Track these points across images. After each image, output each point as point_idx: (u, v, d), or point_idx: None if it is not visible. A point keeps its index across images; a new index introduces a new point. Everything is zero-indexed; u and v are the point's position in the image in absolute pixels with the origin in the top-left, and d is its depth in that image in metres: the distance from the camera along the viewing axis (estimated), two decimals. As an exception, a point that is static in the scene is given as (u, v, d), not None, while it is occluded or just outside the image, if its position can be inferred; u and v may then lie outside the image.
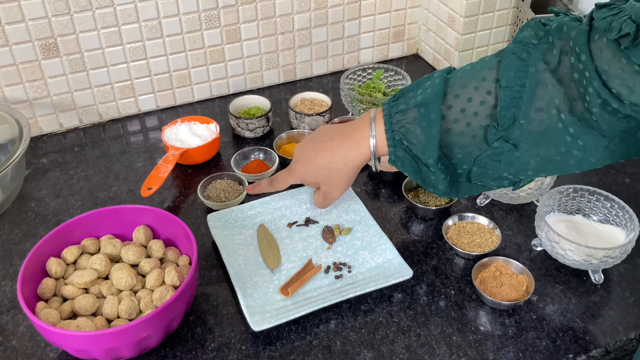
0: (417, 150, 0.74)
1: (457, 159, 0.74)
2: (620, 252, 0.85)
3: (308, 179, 0.87)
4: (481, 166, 0.72)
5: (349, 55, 1.42)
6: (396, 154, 0.76)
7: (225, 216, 0.98)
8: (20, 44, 1.11)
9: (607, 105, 0.61)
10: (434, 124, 0.71)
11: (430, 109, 0.71)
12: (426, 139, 0.72)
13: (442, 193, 0.77)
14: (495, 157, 0.71)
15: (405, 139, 0.74)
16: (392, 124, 0.75)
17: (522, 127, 0.68)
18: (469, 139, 0.71)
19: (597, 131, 0.65)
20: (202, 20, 1.21)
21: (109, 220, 0.89)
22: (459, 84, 0.71)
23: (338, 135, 0.82)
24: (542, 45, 0.67)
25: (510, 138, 0.69)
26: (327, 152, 0.82)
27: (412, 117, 0.73)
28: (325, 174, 0.84)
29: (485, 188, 0.77)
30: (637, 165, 1.12)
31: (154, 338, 0.77)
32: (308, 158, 0.85)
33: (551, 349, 0.81)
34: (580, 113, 0.64)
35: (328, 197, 0.88)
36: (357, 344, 0.81)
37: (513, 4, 1.31)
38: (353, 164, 0.81)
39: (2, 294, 0.89)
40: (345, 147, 0.80)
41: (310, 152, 0.85)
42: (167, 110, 1.30)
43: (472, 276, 0.88)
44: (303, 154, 0.87)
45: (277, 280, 0.89)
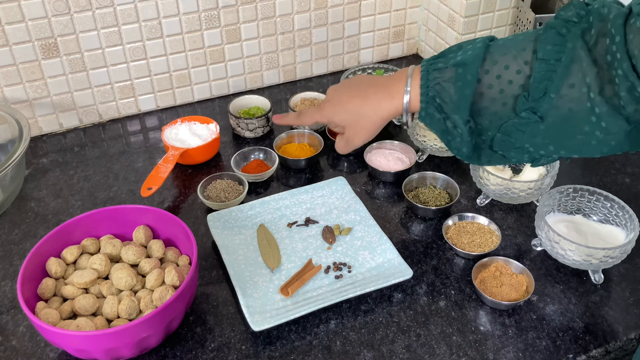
0: (448, 109, 0.74)
1: (484, 124, 0.75)
2: (620, 252, 0.85)
3: (335, 120, 0.87)
4: (505, 133, 0.73)
5: (349, 55, 1.42)
6: (427, 111, 0.77)
7: (225, 216, 0.98)
8: (20, 44, 1.11)
9: (634, 90, 0.62)
10: (468, 85, 0.72)
11: (468, 70, 0.72)
12: (459, 99, 0.73)
13: (465, 156, 0.78)
14: (520, 126, 0.72)
15: (439, 97, 0.75)
16: (428, 80, 0.76)
17: (551, 101, 0.69)
18: (499, 106, 0.72)
19: (623, 116, 0.65)
20: (202, 20, 1.21)
21: (109, 220, 0.89)
22: (500, 51, 0.72)
23: (374, 84, 0.84)
24: (582, 24, 0.67)
25: (539, 110, 0.70)
26: (360, 98, 0.83)
27: (448, 76, 0.73)
28: (353, 119, 0.85)
29: (504, 159, 0.77)
30: (637, 165, 1.12)
31: (154, 338, 0.77)
32: (340, 99, 0.86)
33: (551, 349, 0.81)
34: (609, 95, 0.65)
35: (350, 143, 0.88)
36: (357, 344, 0.81)
37: (513, 4, 1.31)
38: (383, 113, 0.82)
39: (2, 294, 0.89)
40: (379, 97, 0.82)
41: (343, 95, 0.86)
42: (167, 110, 1.30)
43: (472, 276, 0.88)
44: (336, 95, 0.87)
45: (277, 280, 0.89)
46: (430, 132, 1.08)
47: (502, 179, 0.97)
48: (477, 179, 1.02)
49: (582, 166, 1.12)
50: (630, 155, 1.14)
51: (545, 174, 1.01)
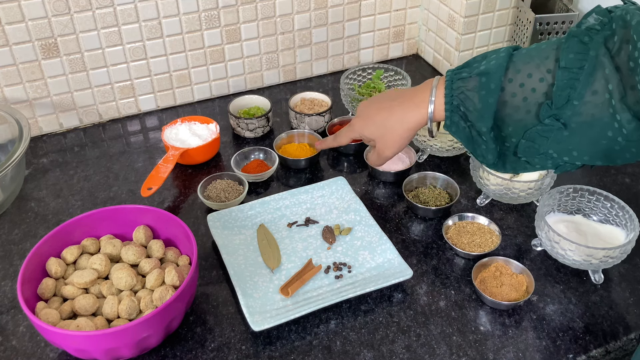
0: (472, 118, 0.76)
1: (508, 132, 0.76)
2: (620, 252, 0.85)
3: (365, 134, 0.91)
4: (529, 140, 0.74)
5: (349, 55, 1.42)
6: (452, 119, 0.78)
7: (225, 216, 0.98)
8: (20, 44, 1.11)
9: None
10: (492, 94, 0.73)
11: (491, 79, 0.73)
12: (483, 107, 0.74)
13: (491, 163, 0.79)
14: (544, 133, 0.72)
15: (463, 105, 0.76)
16: (452, 89, 0.77)
17: (574, 108, 0.69)
18: (523, 114, 0.73)
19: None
20: (202, 20, 1.21)
21: (109, 220, 0.89)
22: (523, 60, 0.73)
23: (400, 97, 0.86)
24: (605, 31, 0.68)
25: (562, 117, 0.70)
26: (387, 111, 0.86)
27: (472, 85, 0.75)
28: (382, 132, 0.88)
29: (529, 166, 0.78)
30: (637, 165, 1.12)
31: (154, 338, 0.77)
32: (368, 114, 0.90)
33: (551, 349, 0.81)
34: (632, 102, 0.66)
35: (381, 155, 0.91)
36: (357, 344, 0.81)
37: (513, 4, 1.31)
38: (409, 125, 0.84)
39: (2, 294, 0.89)
40: (404, 108, 0.84)
41: (371, 109, 0.90)
42: (167, 110, 1.30)
43: (472, 276, 0.88)
44: (365, 110, 0.91)
45: (277, 280, 0.89)
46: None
47: (502, 179, 0.97)
48: (477, 179, 1.02)
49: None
50: (630, 155, 1.14)
51: (545, 174, 1.01)
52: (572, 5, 1.25)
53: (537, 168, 0.77)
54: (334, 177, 1.07)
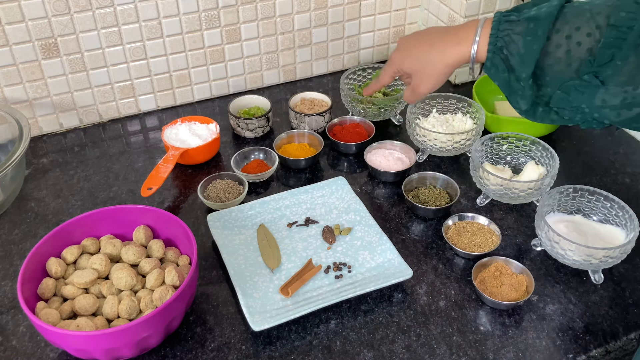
0: (514, 62, 0.75)
1: (544, 81, 0.75)
2: (620, 252, 0.85)
3: (403, 67, 0.90)
4: (565, 91, 0.74)
5: (349, 55, 1.42)
6: (493, 61, 0.78)
7: (225, 216, 0.98)
8: (20, 44, 1.11)
9: None
10: (537, 41, 0.73)
11: (539, 26, 0.72)
12: (526, 53, 0.74)
13: (523, 110, 0.79)
14: (580, 87, 0.72)
15: (506, 48, 0.76)
16: (498, 30, 0.76)
17: (616, 67, 0.69)
18: (564, 66, 0.73)
19: None
20: (202, 20, 1.21)
21: (109, 220, 0.89)
22: (574, 12, 0.73)
23: (443, 32, 0.85)
24: None
25: (601, 75, 0.70)
26: (427, 44, 0.85)
27: (519, 29, 0.74)
28: (420, 65, 0.86)
29: (558, 118, 0.77)
30: (637, 165, 1.12)
31: (154, 338, 0.77)
32: (408, 46, 0.89)
33: (551, 349, 0.81)
34: None
35: (416, 91, 0.90)
36: (357, 344, 0.81)
37: (513, 4, 1.30)
38: (449, 60, 0.83)
39: (2, 294, 0.89)
40: (446, 43, 0.83)
41: (411, 42, 0.88)
42: (167, 110, 1.30)
43: (472, 276, 0.88)
44: (405, 43, 0.90)
45: (277, 280, 0.89)
46: (430, 131, 1.08)
47: (502, 179, 0.97)
48: (477, 179, 1.02)
49: (582, 166, 1.12)
50: (630, 155, 1.14)
51: (545, 174, 1.01)
52: (572, 5, 1.25)
53: (565, 121, 0.77)
54: (334, 177, 1.07)
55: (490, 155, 1.09)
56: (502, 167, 1.08)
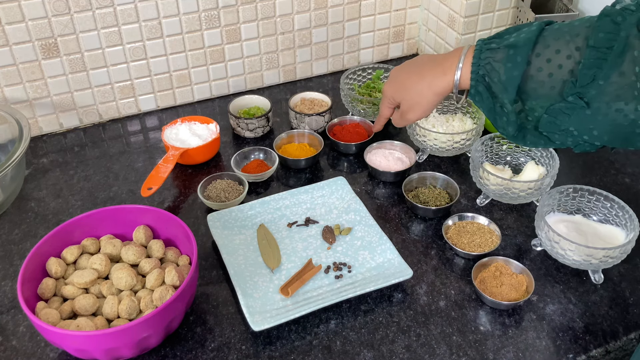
0: (496, 89, 0.76)
1: (531, 105, 0.76)
2: (620, 252, 0.85)
3: (395, 98, 0.93)
4: (552, 115, 0.74)
5: (349, 55, 1.42)
6: (477, 88, 0.79)
7: (225, 216, 0.98)
8: (20, 44, 1.11)
9: None
10: (518, 67, 0.74)
11: (519, 52, 0.73)
12: (507, 80, 0.75)
13: (511, 136, 0.80)
14: (566, 110, 0.72)
15: (488, 76, 0.77)
16: (480, 59, 0.78)
17: (599, 87, 0.69)
18: (547, 89, 0.73)
19: None
20: (202, 20, 1.21)
21: (109, 220, 0.89)
22: (553, 35, 0.73)
23: (430, 62, 0.87)
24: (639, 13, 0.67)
25: (585, 96, 0.70)
26: (417, 75, 0.88)
27: (500, 56, 0.75)
28: (409, 95, 0.89)
29: (549, 142, 0.78)
30: (637, 165, 1.12)
31: (154, 338, 0.77)
32: (399, 79, 0.91)
33: (551, 349, 0.81)
34: None
35: (404, 116, 0.92)
36: (357, 344, 0.81)
37: (513, 4, 1.31)
38: (436, 89, 0.85)
39: (2, 294, 0.89)
40: (433, 73, 0.85)
41: (402, 74, 0.91)
42: (167, 110, 1.30)
43: (472, 276, 0.88)
44: (396, 75, 0.93)
45: (277, 280, 0.89)
46: (430, 131, 1.08)
47: (502, 179, 0.97)
48: (477, 179, 1.02)
49: (582, 166, 1.12)
50: (630, 155, 1.14)
51: (545, 174, 1.01)
52: (572, 5, 1.25)
53: (556, 144, 0.77)
54: (334, 177, 1.07)
55: (490, 155, 1.09)
56: (502, 167, 1.08)
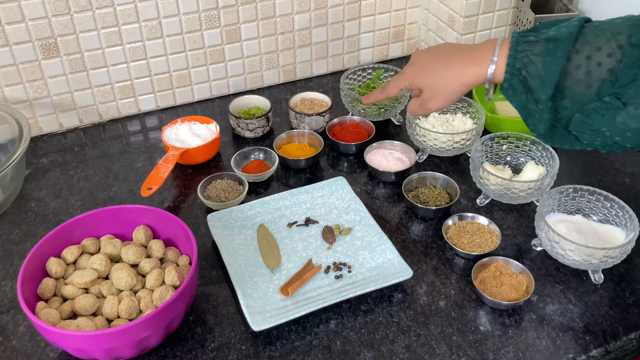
0: (533, 83, 0.74)
1: (563, 104, 0.74)
2: (620, 252, 0.85)
3: (416, 82, 0.86)
4: (584, 114, 0.72)
5: (349, 55, 1.42)
6: (511, 82, 0.76)
7: (225, 216, 0.98)
8: (20, 44, 1.11)
9: None
10: (558, 62, 0.71)
11: (559, 46, 0.71)
12: (546, 74, 0.72)
13: (541, 133, 0.77)
14: (601, 110, 0.71)
15: (525, 69, 0.74)
16: (517, 51, 0.75)
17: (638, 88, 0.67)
18: (584, 87, 0.71)
19: None
20: (202, 20, 1.21)
21: (109, 220, 0.89)
22: (594, 32, 0.71)
23: (460, 50, 0.83)
24: None
25: (623, 96, 0.69)
26: (444, 62, 0.82)
27: (538, 49, 0.73)
28: (434, 81, 0.84)
29: (576, 142, 0.76)
30: (637, 165, 1.12)
31: (154, 338, 0.77)
32: (423, 62, 0.86)
33: (551, 349, 0.81)
34: None
35: (424, 105, 0.87)
36: (357, 344, 0.81)
37: (513, 4, 1.31)
38: (464, 79, 0.81)
39: (2, 294, 0.89)
40: (463, 62, 0.80)
41: (427, 58, 0.86)
42: (167, 110, 1.30)
43: (472, 276, 0.88)
44: (420, 58, 0.87)
45: (277, 280, 0.89)
46: (430, 131, 1.08)
47: (502, 179, 0.97)
48: (477, 179, 1.02)
49: (582, 166, 1.12)
50: (630, 155, 1.14)
51: (545, 174, 1.01)
52: (572, 5, 1.25)
53: (584, 145, 0.75)
54: (334, 177, 1.07)
55: (490, 155, 1.09)
56: (502, 167, 1.08)
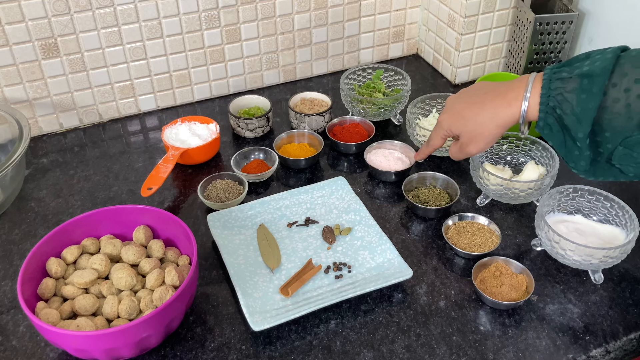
0: (569, 121, 0.71)
1: (603, 137, 0.71)
2: (620, 252, 0.85)
3: (453, 129, 0.87)
4: (628, 147, 0.70)
5: (349, 55, 1.42)
6: (546, 121, 0.75)
7: (225, 216, 0.98)
8: (20, 44, 1.11)
9: None
10: (593, 98, 0.68)
11: (594, 83, 0.68)
12: (582, 112, 0.69)
13: (583, 170, 0.75)
14: None
15: (560, 108, 0.72)
16: (549, 89, 0.73)
17: None
18: (624, 121, 0.68)
19: None
20: (202, 20, 1.21)
21: (109, 220, 0.89)
22: (631, 63, 0.68)
23: (492, 91, 0.82)
24: None
25: None
26: (478, 105, 0.82)
27: (572, 86, 0.70)
28: (470, 127, 0.83)
29: (620, 175, 0.74)
30: (637, 165, 1.12)
31: (154, 338, 0.77)
32: (457, 109, 0.85)
33: (551, 349, 0.81)
34: None
35: (463, 150, 0.87)
36: (357, 344, 0.81)
37: (513, 4, 1.31)
38: (499, 121, 0.80)
39: (2, 294, 0.89)
40: (496, 104, 0.80)
41: (461, 103, 0.85)
42: (167, 110, 1.30)
43: (472, 276, 0.88)
44: (454, 104, 0.87)
45: (277, 280, 0.89)
46: (430, 131, 1.08)
47: (502, 179, 0.97)
48: (477, 179, 1.02)
49: (582, 166, 1.12)
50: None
51: (545, 174, 1.01)
52: (572, 5, 1.25)
53: (629, 177, 0.73)
54: (334, 177, 1.07)
55: (490, 155, 1.09)
56: (502, 167, 1.08)
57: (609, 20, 1.21)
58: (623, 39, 1.18)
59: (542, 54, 1.28)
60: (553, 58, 1.28)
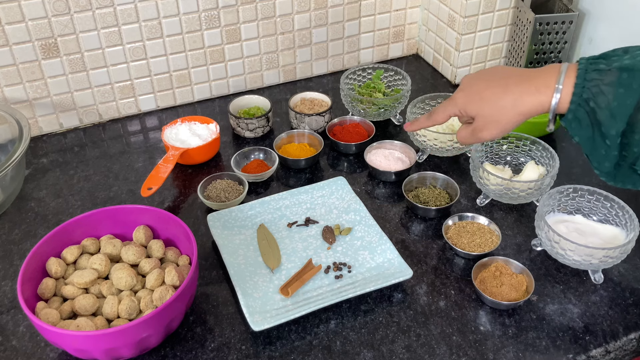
0: (602, 116, 0.67)
1: (633, 139, 0.67)
2: (620, 252, 0.85)
3: (468, 110, 0.79)
4: None
5: (349, 55, 1.42)
6: (576, 114, 0.69)
7: (225, 216, 0.98)
8: (20, 44, 1.11)
9: None
10: (632, 94, 0.64)
11: (635, 77, 0.64)
12: (618, 107, 0.65)
13: (605, 172, 0.71)
14: None
15: (594, 101, 0.67)
16: (585, 80, 0.68)
17: None
18: None
19: None
20: (202, 20, 1.21)
21: (109, 220, 0.89)
22: None
23: (517, 75, 0.75)
24: None
25: None
26: (500, 88, 0.75)
27: (610, 79, 0.66)
28: (489, 109, 0.76)
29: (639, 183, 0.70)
30: (637, 165, 1.12)
31: (154, 338, 0.77)
32: (476, 89, 0.78)
33: (551, 349, 0.81)
34: None
35: (477, 135, 0.79)
36: (357, 344, 0.81)
37: (513, 4, 1.31)
38: (523, 108, 0.73)
39: (2, 294, 0.89)
40: (521, 89, 0.73)
41: (480, 83, 0.78)
42: (167, 110, 1.30)
43: (472, 276, 0.88)
44: (471, 83, 0.79)
45: (277, 280, 0.89)
46: (430, 131, 1.08)
47: (502, 179, 0.97)
48: (477, 179, 1.02)
49: (582, 166, 1.12)
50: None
51: (545, 174, 1.01)
52: (572, 5, 1.25)
53: None
54: (334, 177, 1.07)
55: (490, 155, 1.09)
56: (502, 167, 1.08)
57: (609, 20, 1.21)
58: (623, 39, 1.18)
59: (542, 54, 1.28)
60: (553, 58, 1.28)
